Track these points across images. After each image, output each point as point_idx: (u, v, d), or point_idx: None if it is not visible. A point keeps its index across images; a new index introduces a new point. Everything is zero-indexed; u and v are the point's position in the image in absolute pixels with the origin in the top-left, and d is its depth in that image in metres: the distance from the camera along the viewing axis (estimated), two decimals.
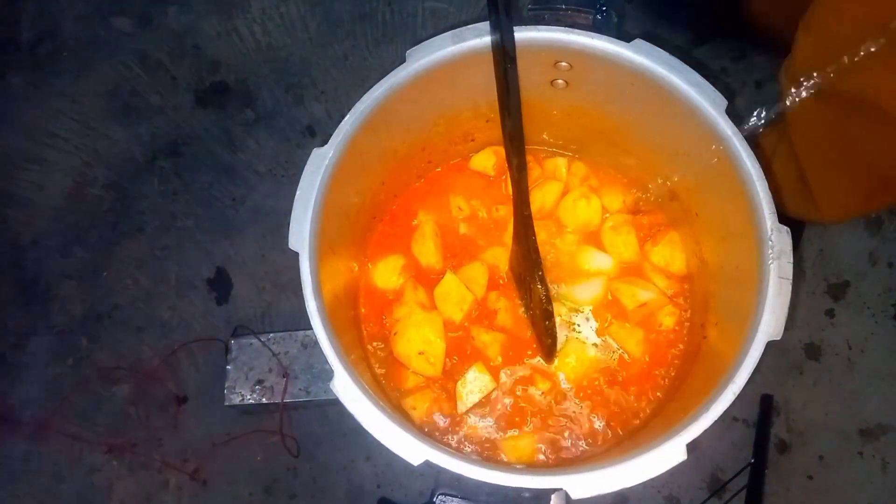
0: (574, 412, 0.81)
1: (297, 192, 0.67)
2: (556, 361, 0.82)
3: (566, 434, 0.80)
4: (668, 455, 0.60)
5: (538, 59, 0.73)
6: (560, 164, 0.90)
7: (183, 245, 1.32)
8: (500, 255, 0.87)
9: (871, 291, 1.26)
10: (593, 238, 0.88)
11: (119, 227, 1.33)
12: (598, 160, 0.90)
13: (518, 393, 0.82)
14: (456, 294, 0.83)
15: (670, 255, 0.85)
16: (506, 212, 0.88)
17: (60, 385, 1.25)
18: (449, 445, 0.79)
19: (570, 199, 0.88)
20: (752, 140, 0.68)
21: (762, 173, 0.66)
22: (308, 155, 0.68)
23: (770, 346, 0.62)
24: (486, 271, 0.86)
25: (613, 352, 0.83)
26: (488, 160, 0.90)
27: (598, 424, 0.80)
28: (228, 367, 1.16)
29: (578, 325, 0.85)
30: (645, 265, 0.87)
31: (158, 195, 1.35)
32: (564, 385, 0.82)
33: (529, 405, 0.81)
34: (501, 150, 0.89)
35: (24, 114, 1.39)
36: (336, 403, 0.61)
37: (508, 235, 0.85)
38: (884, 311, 1.25)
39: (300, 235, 0.66)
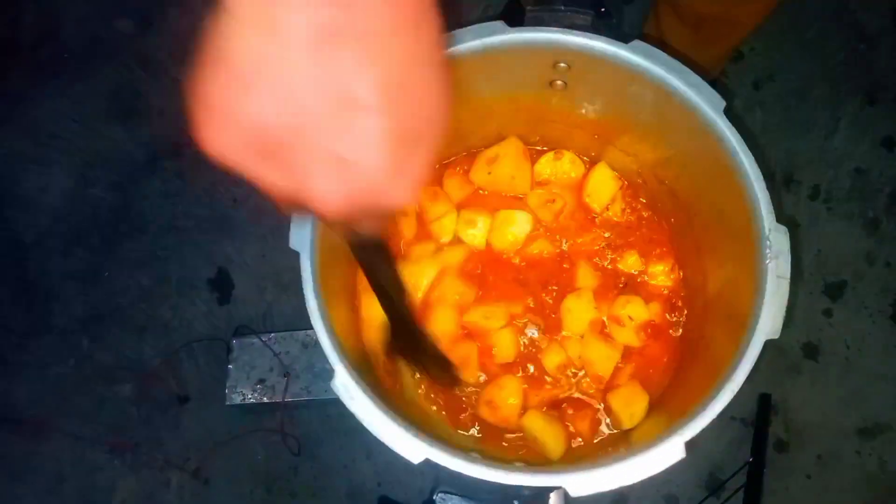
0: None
1: None
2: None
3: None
4: (666, 453, 0.60)
5: (537, 59, 0.74)
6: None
7: (184, 245, 1.32)
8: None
9: (869, 291, 1.27)
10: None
11: (120, 227, 1.34)
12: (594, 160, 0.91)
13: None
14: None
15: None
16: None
17: (62, 385, 1.26)
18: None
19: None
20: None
21: (760, 173, 0.67)
22: None
23: (768, 345, 0.63)
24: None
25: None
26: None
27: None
28: (230, 366, 1.16)
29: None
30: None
31: (160, 196, 1.35)
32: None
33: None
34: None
35: (25, 115, 1.40)
36: (337, 402, 0.62)
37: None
38: (881, 310, 1.26)
39: (301, 235, 0.66)
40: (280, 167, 0.34)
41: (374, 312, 0.80)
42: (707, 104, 0.68)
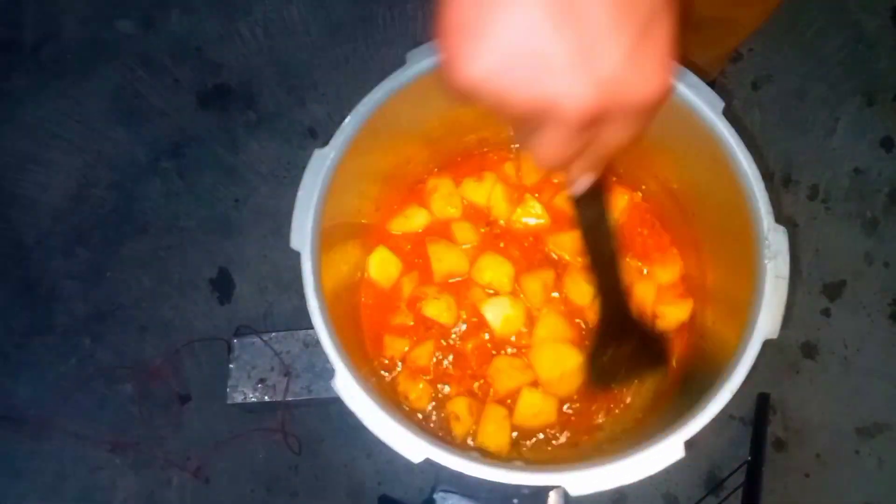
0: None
1: (299, 192, 0.68)
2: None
3: None
4: (666, 452, 0.61)
5: None
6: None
7: (185, 245, 1.33)
8: None
9: (868, 291, 1.27)
10: None
11: (122, 227, 1.34)
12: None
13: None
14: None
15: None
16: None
17: (64, 384, 1.26)
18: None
19: None
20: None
21: (758, 173, 0.67)
22: (309, 156, 0.69)
23: (767, 344, 0.63)
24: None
25: None
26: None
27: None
28: (231, 365, 1.17)
29: None
30: None
31: (161, 196, 1.35)
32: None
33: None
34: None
35: (27, 115, 1.40)
36: (337, 402, 0.62)
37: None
38: (880, 310, 1.26)
39: (302, 235, 0.67)
40: (525, 75, 0.34)
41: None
42: (706, 104, 0.68)
